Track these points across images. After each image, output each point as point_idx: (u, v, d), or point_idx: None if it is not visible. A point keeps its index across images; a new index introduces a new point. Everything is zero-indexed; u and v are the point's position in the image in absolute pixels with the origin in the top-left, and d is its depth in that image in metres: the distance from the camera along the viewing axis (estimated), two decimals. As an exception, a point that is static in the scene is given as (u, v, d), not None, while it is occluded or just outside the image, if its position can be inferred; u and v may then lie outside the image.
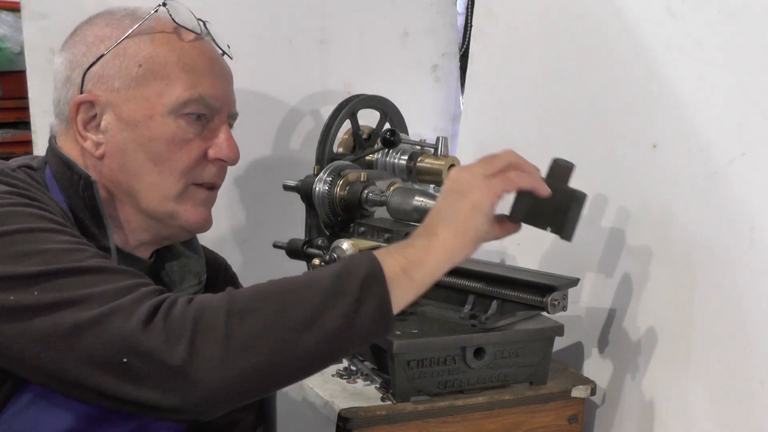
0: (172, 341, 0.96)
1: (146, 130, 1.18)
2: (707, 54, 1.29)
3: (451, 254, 1.09)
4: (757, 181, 1.20)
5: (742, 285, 1.22)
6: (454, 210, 1.10)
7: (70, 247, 1.04)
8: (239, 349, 0.97)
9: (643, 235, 1.40)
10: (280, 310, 1.00)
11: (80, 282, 1.00)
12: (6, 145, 2.96)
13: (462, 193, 1.10)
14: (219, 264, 1.43)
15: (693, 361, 1.30)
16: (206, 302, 1.00)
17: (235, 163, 1.26)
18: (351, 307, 1.01)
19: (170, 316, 0.97)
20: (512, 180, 1.12)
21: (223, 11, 1.38)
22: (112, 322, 0.96)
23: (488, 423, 1.35)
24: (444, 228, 1.09)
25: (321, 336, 1.00)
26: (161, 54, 1.19)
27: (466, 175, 1.12)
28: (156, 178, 1.20)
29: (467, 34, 2.06)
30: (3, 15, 3.01)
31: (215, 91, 1.22)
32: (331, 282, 1.02)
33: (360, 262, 1.04)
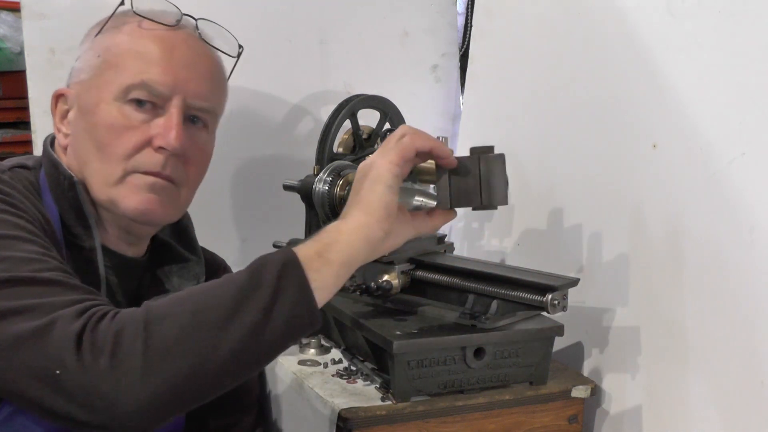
0: (96, 357, 0.95)
1: (92, 116, 1.19)
2: (707, 54, 1.29)
3: (363, 230, 1.09)
4: (757, 181, 1.20)
5: (742, 285, 1.22)
6: (357, 190, 1.13)
7: (32, 257, 1.03)
8: (159, 358, 0.95)
9: (643, 235, 1.40)
10: (197, 311, 0.98)
11: (31, 292, 0.99)
12: (6, 145, 2.96)
13: (364, 174, 1.13)
14: (218, 265, 1.42)
15: (693, 361, 1.30)
16: (127, 314, 0.98)
17: (177, 151, 1.20)
18: (269, 298, 1.00)
19: (95, 332, 0.96)
20: (405, 145, 1.13)
21: (222, 11, 1.38)
22: (50, 335, 0.96)
23: (488, 423, 1.35)
24: (352, 209, 1.11)
25: (242, 332, 0.98)
26: (117, 43, 1.21)
27: (367, 160, 1.15)
28: (98, 164, 1.19)
29: (467, 34, 2.06)
30: (3, 15, 3.01)
31: (165, 77, 1.19)
32: (246, 277, 1.01)
33: (274, 255, 1.04)
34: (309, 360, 1.45)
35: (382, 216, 1.10)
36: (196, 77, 1.23)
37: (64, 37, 1.29)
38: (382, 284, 1.37)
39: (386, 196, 1.10)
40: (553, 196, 1.61)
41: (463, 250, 1.79)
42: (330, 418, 1.29)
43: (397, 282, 1.39)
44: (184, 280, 1.31)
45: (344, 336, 1.50)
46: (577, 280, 1.35)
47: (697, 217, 1.30)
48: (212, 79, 1.25)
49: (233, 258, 1.51)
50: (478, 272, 1.37)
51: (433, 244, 1.48)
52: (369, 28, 1.89)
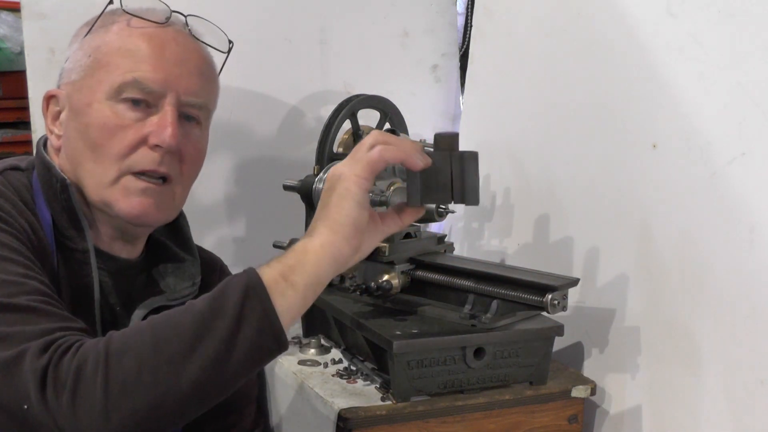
0: (58, 394, 0.94)
1: (84, 117, 1.18)
2: (707, 54, 1.29)
3: (330, 250, 1.05)
4: (757, 181, 1.20)
5: (742, 285, 1.22)
6: (324, 205, 1.07)
7: (11, 279, 1.02)
8: (119, 394, 0.94)
9: (643, 235, 1.40)
10: (157, 343, 0.96)
11: (4, 320, 0.98)
12: (6, 145, 2.96)
13: (331, 186, 1.07)
14: (214, 265, 1.42)
15: (693, 360, 1.30)
16: (89, 347, 0.96)
17: (172, 149, 1.19)
18: (231, 328, 0.96)
19: (58, 368, 0.95)
20: (374, 158, 1.07)
21: (222, 11, 1.38)
22: (18, 368, 0.95)
23: (488, 423, 1.35)
24: (319, 226, 1.06)
25: (204, 363, 0.96)
26: (107, 43, 1.20)
27: (334, 170, 1.09)
28: (92, 165, 1.18)
29: (467, 34, 2.06)
30: (3, 15, 3.01)
31: (155, 74, 1.18)
32: (206, 305, 0.98)
33: (236, 279, 1.00)
34: (309, 360, 1.45)
35: (350, 233, 1.06)
36: (188, 74, 1.22)
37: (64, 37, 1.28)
38: (382, 284, 1.37)
39: (354, 211, 1.06)
40: (553, 196, 1.61)
41: (463, 250, 1.80)
42: (330, 418, 1.29)
43: (397, 282, 1.39)
44: (179, 280, 1.30)
45: (344, 336, 1.50)
46: (577, 280, 1.35)
47: (697, 217, 1.30)
48: (203, 75, 1.25)
49: (233, 258, 1.51)
50: (478, 272, 1.37)
51: (433, 244, 1.48)
52: (369, 28, 1.89)
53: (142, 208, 1.19)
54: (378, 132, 1.12)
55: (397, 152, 1.08)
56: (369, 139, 1.09)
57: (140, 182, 1.19)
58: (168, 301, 1.28)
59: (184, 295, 1.30)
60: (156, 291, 1.28)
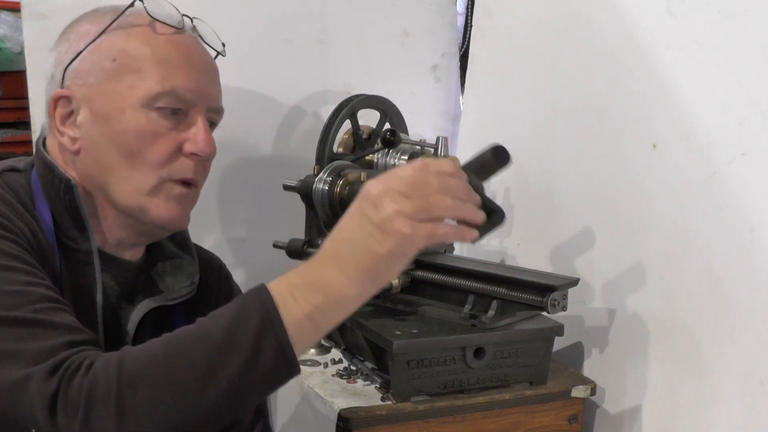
0: (69, 418, 0.93)
1: (117, 123, 1.17)
2: (707, 54, 1.29)
3: (362, 300, 1.00)
4: (757, 181, 1.20)
5: (742, 285, 1.22)
6: (370, 251, 0.97)
7: (16, 289, 1.01)
8: (133, 423, 0.93)
9: (643, 235, 1.40)
10: (169, 374, 0.95)
11: (10, 335, 0.98)
12: (6, 145, 2.96)
13: (382, 230, 0.96)
14: (213, 264, 1.42)
15: (693, 360, 1.30)
16: (99, 370, 0.95)
17: (210, 158, 1.22)
18: (247, 362, 0.95)
19: (68, 391, 0.94)
20: (439, 234, 0.98)
21: (222, 11, 1.38)
22: (26, 392, 0.95)
23: (488, 423, 1.35)
24: (357, 271, 0.97)
25: (218, 395, 0.95)
26: (135, 47, 1.18)
27: (389, 205, 0.96)
28: (127, 172, 1.18)
29: (467, 34, 2.06)
30: (3, 15, 3.01)
31: (189, 84, 1.19)
32: (221, 336, 0.96)
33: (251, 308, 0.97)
34: (309, 360, 1.45)
35: (384, 285, 1.02)
36: (211, 81, 1.24)
37: (64, 37, 1.28)
38: (382, 284, 1.37)
39: (398, 272, 1.00)
40: (553, 196, 1.61)
41: (463, 250, 1.80)
42: (330, 418, 1.29)
43: (397, 282, 1.39)
44: (177, 279, 1.31)
45: (344, 336, 1.50)
46: (577, 280, 1.35)
47: (697, 217, 1.30)
48: (218, 79, 1.26)
49: (233, 258, 1.52)
50: (478, 272, 1.37)
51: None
52: (369, 28, 1.89)
53: (178, 213, 1.21)
54: (448, 173, 0.99)
55: (457, 235, 1.01)
56: (439, 182, 0.98)
57: (179, 188, 1.21)
58: (166, 301, 1.28)
59: (183, 294, 1.30)
60: (155, 291, 1.28)
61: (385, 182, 0.98)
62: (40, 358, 0.97)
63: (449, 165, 1.01)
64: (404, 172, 0.99)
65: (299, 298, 0.98)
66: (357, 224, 0.97)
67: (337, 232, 1.00)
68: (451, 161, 1.02)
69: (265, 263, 1.82)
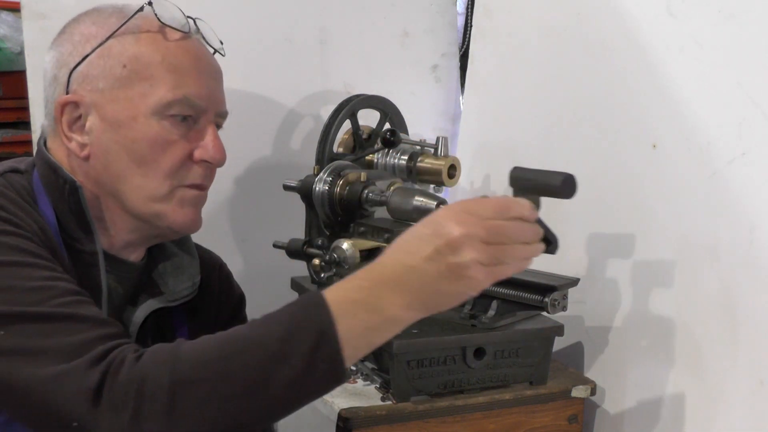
0: (118, 412, 0.93)
1: (129, 131, 1.16)
2: (707, 54, 1.29)
3: (417, 319, 1.01)
4: (757, 181, 1.20)
5: (742, 285, 1.22)
6: (437, 289, 0.98)
7: (37, 285, 1.01)
8: (182, 422, 0.94)
9: (643, 235, 1.40)
10: (224, 378, 0.95)
11: (40, 331, 0.98)
12: (6, 145, 2.96)
13: (456, 273, 0.97)
14: (213, 263, 1.42)
15: (693, 360, 1.30)
16: (149, 367, 0.96)
17: (221, 165, 1.23)
18: (299, 374, 0.95)
19: (116, 384, 0.94)
20: (505, 275, 1.00)
21: (222, 11, 1.38)
22: (64, 388, 0.95)
23: (488, 423, 1.35)
24: (418, 302, 0.98)
25: (269, 403, 0.96)
26: (146, 54, 1.17)
27: (468, 252, 0.96)
28: (140, 179, 1.18)
29: (467, 34, 2.06)
30: (3, 15, 3.01)
31: (200, 90, 1.19)
32: (277, 345, 0.96)
33: (309, 320, 0.97)
34: (309, 360, 1.45)
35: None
36: (218, 86, 1.25)
37: (65, 37, 1.28)
38: (382, 284, 1.37)
39: (459, 303, 1.02)
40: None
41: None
42: (330, 418, 1.29)
43: (397, 282, 1.39)
44: (178, 280, 1.31)
45: (344, 336, 1.50)
46: (577, 280, 1.35)
47: (697, 217, 1.30)
48: (222, 83, 1.27)
49: (233, 258, 1.51)
50: (478, 272, 1.37)
51: (433, 244, 1.48)
52: (369, 28, 1.88)
53: (193, 217, 1.23)
54: (521, 222, 0.99)
55: (522, 267, 1.01)
56: (515, 232, 0.99)
57: (191, 191, 1.21)
58: (168, 302, 1.28)
59: (184, 295, 1.30)
60: (156, 292, 1.29)
61: (467, 225, 0.96)
62: (75, 352, 0.96)
63: (528, 209, 1.01)
64: (485, 211, 0.98)
65: (357, 315, 0.97)
66: (430, 257, 0.97)
67: (405, 255, 0.98)
68: (530, 204, 1.02)
69: (265, 263, 1.82)
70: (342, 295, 0.98)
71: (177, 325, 1.33)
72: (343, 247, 1.32)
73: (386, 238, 1.40)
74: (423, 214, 1.39)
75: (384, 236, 1.40)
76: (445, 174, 1.51)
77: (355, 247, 1.32)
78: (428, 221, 0.99)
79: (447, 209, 1.00)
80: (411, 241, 0.99)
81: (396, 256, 0.99)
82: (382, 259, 1.00)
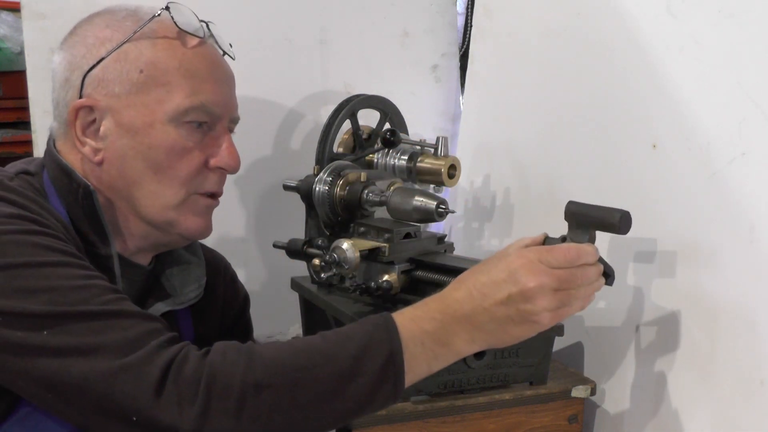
0: (184, 406, 0.95)
1: (146, 137, 1.16)
2: (707, 54, 1.29)
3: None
4: (757, 181, 1.20)
5: (742, 285, 1.22)
6: (504, 330, 1.05)
7: (79, 284, 1.01)
8: (250, 424, 0.96)
9: (643, 236, 1.40)
10: (294, 387, 0.98)
11: (89, 328, 0.98)
12: (6, 145, 2.96)
13: (525, 319, 1.04)
14: (219, 265, 1.42)
15: (693, 360, 1.30)
16: (219, 365, 0.98)
17: (236, 172, 1.25)
18: (366, 392, 1.00)
19: (181, 378, 0.96)
20: (572, 312, 1.08)
21: (222, 11, 1.38)
22: (123, 382, 0.95)
23: (488, 423, 1.35)
24: (484, 339, 1.06)
25: (334, 416, 1.01)
26: (163, 60, 1.17)
27: (540, 302, 1.03)
28: (155, 186, 1.18)
29: (467, 34, 2.06)
30: (3, 15, 3.01)
31: (216, 97, 1.20)
32: (349, 363, 1.00)
33: (381, 343, 1.01)
34: (309, 360, 1.45)
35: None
36: (231, 91, 1.25)
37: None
38: (382, 284, 1.37)
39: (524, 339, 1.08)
40: (553, 196, 1.61)
41: (464, 250, 1.80)
42: (330, 418, 1.29)
43: (396, 282, 1.39)
44: (185, 283, 1.31)
45: (344, 336, 1.50)
46: (577, 280, 1.35)
47: (697, 217, 1.30)
48: (235, 87, 1.27)
49: (233, 258, 1.51)
50: (478, 272, 1.37)
51: (433, 244, 1.48)
52: (369, 28, 1.89)
53: (205, 225, 1.24)
54: (590, 271, 1.07)
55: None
56: (586, 277, 1.07)
57: (205, 200, 1.22)
58: (175, 305, 1.28)
59: (191, 298, 1.30)
60: (162, 294, 1.29)
61: (540, 276, 1.03)
62: (129, 346, 0.97)
63: (593, 255, 1.09)
64: (557, 261, 1.05)
65: (426, 345, 1.04)
66: (503, 302, 1.03)
67: (480, 296, 1.04)
68: (595, 250, 1.10)
69: (265, 263, 1.83)
70: (415, 324, 1.03)
71: (183, 326, 1.33)
72: (343, 247, 1.32)
73: (386, 237, 1.40)
74: (423, 214, 1.39)
75: (384, 236, 1.40)
76: (445, 174, 1.51)
77: (355, 247, 1.32)
78: (504, 266, 1.05)
79: (521, 257, 1.06)
80: (487, 284, 1.04)
81: (470, 294, 1.05)
82: (456, 295, 1.05)
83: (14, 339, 0.97)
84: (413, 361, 1.02)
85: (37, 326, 0.97)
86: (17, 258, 1.00)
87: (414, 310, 1.06)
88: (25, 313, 0.97)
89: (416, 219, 1.42)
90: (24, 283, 0.99)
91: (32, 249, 1.02)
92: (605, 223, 1.13)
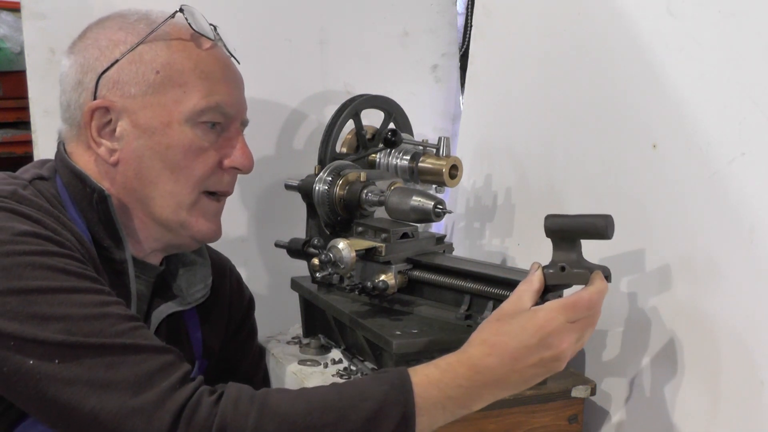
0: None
1: (163, 137, 1.17)
2: (707, 54, 1.29)
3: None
4: (757, 181, 1.20)
5: (742, 285, 1.22)
6: (533, 381, 1.10)
7: (94, 312, 1.01)
8: None
9: (643, 235, 1.40)
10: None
11: (103, 363, 0.98)
12: (6, 145, 2.96)
13: (549, 370, 1.10)
14: (224, 266, 1.43)
15: (693, 360, 1.30)
16: (231, 415, 0.98)
17: (249, 172, 1.25)
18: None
19: (192, 427, 0.96)
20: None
21: (222, 12, 1.38)
22: (134, 425, 0.95)
23: (488, 423, 1.34)
24: (505, 393, 1.09)
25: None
26: (179, 61, 1.18)
27: (569, 350, 1.10)
28: (172, 186, 1.18)
29: (467, 34, 2.06)
30: (3, 15, 3.01)
31: (230, 98, 1.21)
32: (362, 425, 1.00)
33: (396, 406, 1.02)
34: (309, 360, 1.45)
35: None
36: (242, 94, 1.26)
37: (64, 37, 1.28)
38: (378, 284, 1.37)
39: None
40: (553, 196, 1.61)
41: (464, 251, 1.80)
42: (330, 418, 1.29)
43: (393, 282, 1.39)
44: (191, 283, 1.31)
45: (344, 336, 1.50)
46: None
47: (697, 217, 1.30)
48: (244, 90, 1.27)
49: (234, 258, 1.52)
50: (474, 273, 1.37)
51: (432, 244, 1.48)
52: (369, 28, 1.89)
53: (216, 228, 1.25)
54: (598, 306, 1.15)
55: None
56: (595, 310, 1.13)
57: (215, 203, 1.23)
58: (181, 305, 1.28)
59: (197, 298, 1.31)
60: (168, 294, 1.29)
61: (569, 333, 1.09)
62: (140, 385, 0.97)
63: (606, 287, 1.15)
64: (581, 312, 1.11)
65: (447, 408, 1.06)
66: (534, 365, 1.08)
67: (511, 361, 1.07)
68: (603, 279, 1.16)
69: (266, 262, 1.83)
70: (440, 392, 1.05)
71: (190, 327, 1.33)
72: (339, 246, 1.32)
73: (384, 237, 1.40)
74: (420, 213, 1.39)
75: (381, 236, 1.41)
76: (447, 174, 1.51)
77: (351, 247, 1.32)
78: (534, 331, 1.07)
79: (551, 320, 1.08)
80: (518, 349, 1.07)
81: (502, 361, 1.07)
82: (487, 362, 1.07)
83: (26, 366, 0.97)
84: (429, 421, 1.04)
85: (50, 355, 0.97)
86: (32, 282, 0.99)
87: (440, 374, 1.06)
88: (38, 340, 0.97)
89: (414, 219, 1.42)
90: (38, 310, 0.98)
91: (48, 272, 1.01)
92: (592, 233, 1.15)
